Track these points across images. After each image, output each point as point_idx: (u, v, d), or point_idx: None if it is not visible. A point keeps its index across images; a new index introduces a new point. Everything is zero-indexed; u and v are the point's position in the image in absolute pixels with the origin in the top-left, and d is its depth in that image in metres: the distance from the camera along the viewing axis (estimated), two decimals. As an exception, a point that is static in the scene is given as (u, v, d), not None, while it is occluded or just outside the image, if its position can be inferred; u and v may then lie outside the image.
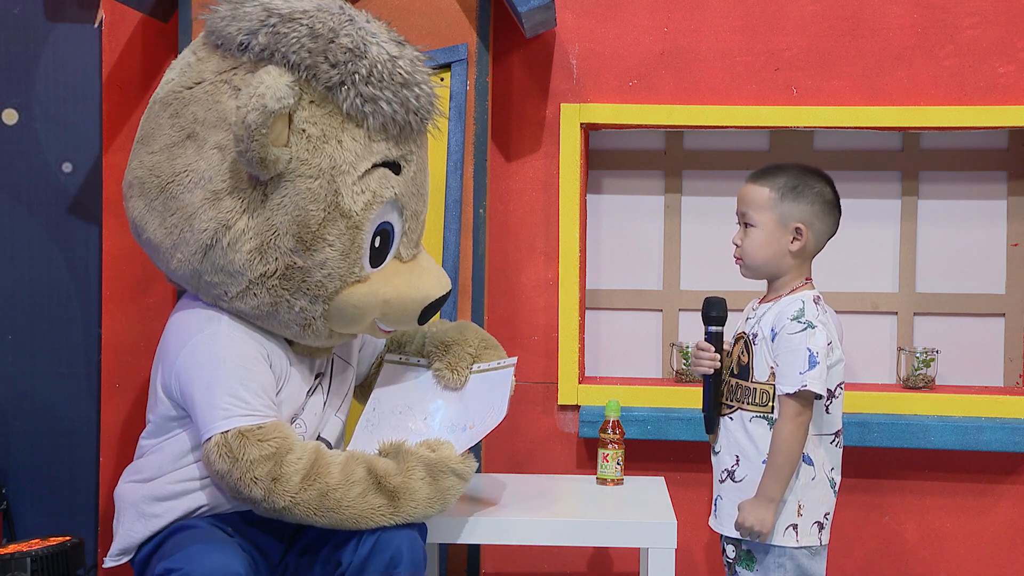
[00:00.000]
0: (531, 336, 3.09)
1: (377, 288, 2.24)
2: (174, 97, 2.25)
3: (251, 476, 2.10)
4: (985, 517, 3.00)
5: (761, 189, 2.46)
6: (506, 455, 3.08)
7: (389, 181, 2.22)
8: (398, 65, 2.18)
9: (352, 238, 2.18)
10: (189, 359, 2.19)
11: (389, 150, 2.21)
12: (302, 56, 2.12)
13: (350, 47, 2.13)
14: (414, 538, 2.21)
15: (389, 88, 2.17)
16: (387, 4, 2.87)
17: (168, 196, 2.21)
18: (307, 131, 2.14)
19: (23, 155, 3.07)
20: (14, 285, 3.08)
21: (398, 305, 2.27)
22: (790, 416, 2.35)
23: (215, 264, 2.19)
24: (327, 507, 2.13)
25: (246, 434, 2.11)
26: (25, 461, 3.08)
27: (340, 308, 2.22)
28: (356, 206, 2.17)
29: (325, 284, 2.19)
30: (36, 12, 3.07)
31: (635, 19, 3.05)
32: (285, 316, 2.21)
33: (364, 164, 2.18)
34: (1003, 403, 2.97)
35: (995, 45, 2.98)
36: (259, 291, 2.19)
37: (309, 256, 2.17)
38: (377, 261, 2.25)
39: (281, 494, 2.11)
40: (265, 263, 2.17)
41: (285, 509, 2.13)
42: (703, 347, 2.51)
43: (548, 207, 3.07)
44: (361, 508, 2.15)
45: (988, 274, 3.15)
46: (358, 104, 2.15)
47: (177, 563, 2.04)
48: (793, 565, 2.40)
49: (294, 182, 2.14)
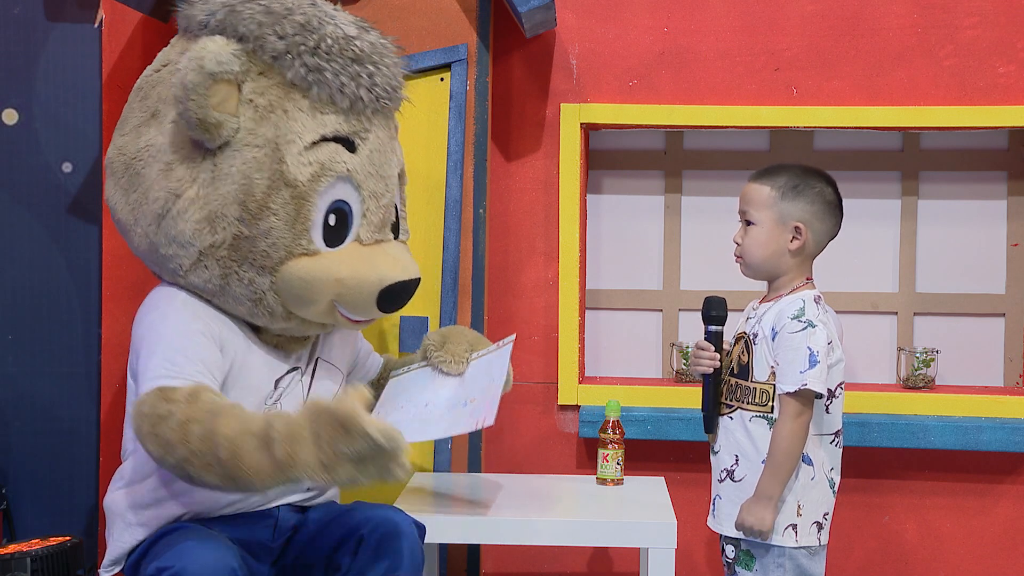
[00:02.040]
0: (531, 336, 3.09)
1: (328, 264, 2.22)
2: (144, 81, 2.36)
3: (154, 432, 2.02)
4: (985, 517, 3.00)
5: (762, 187, 2.46)
6: (506, 455, 3.09)
7: (341, 156, 2.22)
8: (353, 43, 2.21)
9: (298, 208, 2.18)
10: (141, 333, 2.20)
11: (340, 124, 2.22)
12: (251, 28, 2.18)
13: (302, 22, 2.19)
14: (414, 540, 2.21)
15: (337, 61, 2.19)
16: (387, 4, 2.87)
17: (132, 173, 2.28)
18: (254, 101, 2.18)
19: (23, 155, 3.07)
20: (14, 285, 3.08)
21: (353, 285, 2.22)
22: (791, 415, 2.35)
23: (168, 235, 2.22)
24: (221, 459, 1.98)
25: (163, 392, 2.05)
26: (25, 461, 3.08)
27: (288, 281, 2.20)
28: (302, 176, 2.18)
29: (270, 254, 2.19)
30: (36, 12, 3.06)
31: (635, 19, 3.05)
32: (236, 290, 2.21)
33: (311, 135, 2.19)
34: (1003, 403, 2.97)
35: (995, 45, 2.98)
36: (209, 263, 2.20)
37: (255, 225, 2.18)
38: (334, 241, 2.24)
39: (177, 443, 1.99)
40: (214, 232, 2.19)
41: (184, 460, 2.00)
42: (703, 346, 2.51)
43: (548, 207, 3.07)
44: (256, 462, 1.98)
45: (988, 274, 3.15)
46: (302, 73, 2.18)
47: (169, 561, 2.03)
48: (792, 565, 2.40)
49: (241, 151, 2.18)
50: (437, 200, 2.87)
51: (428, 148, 2.89)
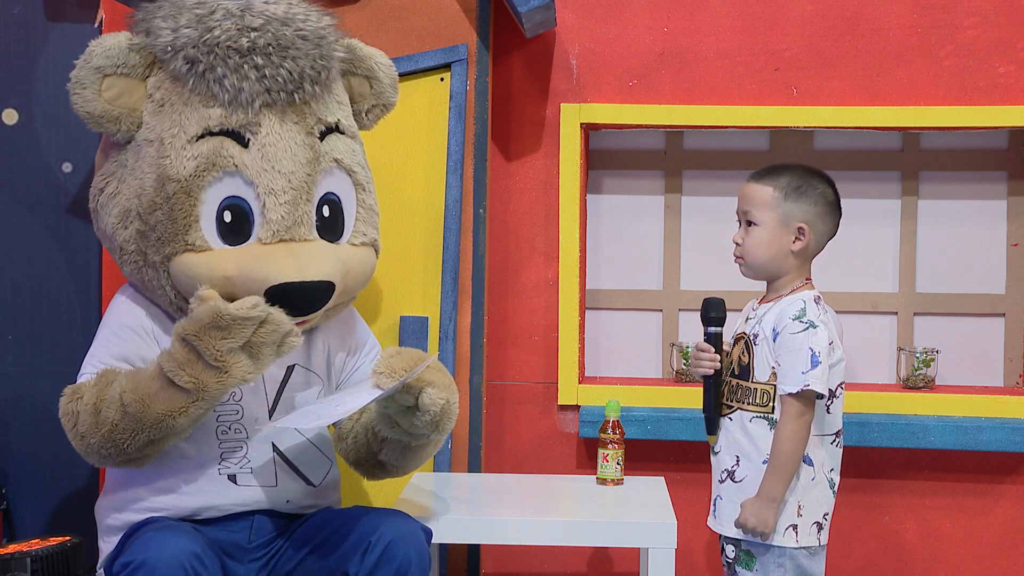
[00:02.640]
0: (531, 336, 3.09)
1: (215, 262, 2.17)
2: None
3: (74, 428, 2.14)
4: (985, 517, 3.00)
5: (764, 188, 2.46)
6: (506, 455, 3.09)
7: (229, 151, 2.18)
8: (246, 34, 2.18)
9: (180, 202, 2.17)
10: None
11: (225, 118, 2.19)
12: (153, 23, 2.20)
13: (200, 15, 2.19)
14: (422, 546, 2.18)
15: (217, 52, 2.17)
16: (387, 4, 2.87)
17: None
18: (153, 96, 2.21)
19: (23, 155, 3.07)
20: (14, 285, 3.08)
21: (241, 284, 2.16)
22: (793, 416, 2.35)
23: (100, 230, 2.29)
24: (136, 416, 2.07)
25: (76, 389, 2.16)
26: (25, 461, 3.08)
27: (176, 277, 2.20)
28: (184, 171, 2.17)
29: (158, 248, 2.19)
30: (36, 12, 3.06)
31: (635, 19, 3.05)
32: (151, 284, 2.24)
33: (195, 128, 2.18)
34: (1003, 403, 2.97)
35: (995, 45, 2.98)
36: (127, 257, 2.24)
37: (146, 220, 2.19)
38: (234, 239, 2.20)
39: (94, 426, 2.11)
40: (125, 228, 2.22)
41: (107, 439, 2.10)
42: (703, 348, 2.51)
43: (548, 207, 3.07)
44: (168, 401, 2.07)
45: (988, 274, 3.15)
46: (180, 65, 2.18)
47: (132, 555, 2.03)
48: (793, 565, 2.40)
49: (142, 146, 2.21)
50: (437, 200, 2.87)
51: (428, 148, 2.89)
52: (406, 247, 2.87)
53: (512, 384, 3.08)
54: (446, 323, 2.84)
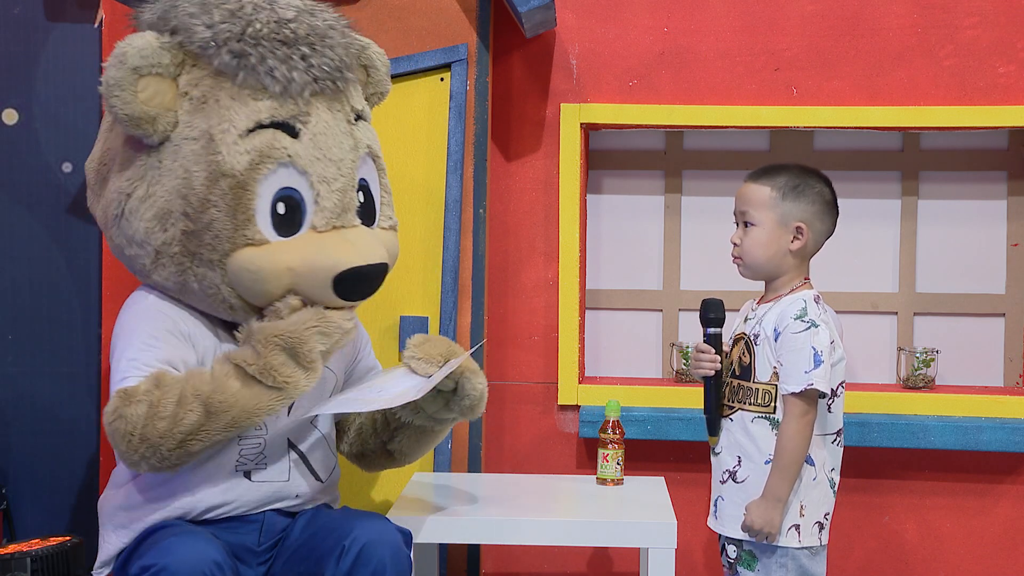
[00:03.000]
0: (531, 336, 3.09)
1: (277, 254, 2.18)
2: None
3: (131, 432, 2.07)
4: (985, 517, 3.00)
5: (762, 188, 2.46)
6: (506, 455, 3.09)
7: (281, 143, 2.18)
8: (286, 26, 2.19)
9: (237, 198, 2.16)
10: (114, 334, 2.23)
11: (276, 110, 2.18)
12: (182, 20, 2.17)
13: (232, 10, 2.18)
14: (398, 547, 2.18)
15: (264, 45, 2.17)
16: (387, 4, 2.87)
17: (100, 178, 2.30)
18: (190, 93, 2.18)
19: (23, 155, 3.07)
20: (14, 285, 3.08)
21: (306, 273, 2.18)
22: (796, 415, 2.35)
23: (126, 235, 2.24)
24: (213, 412, 2.07)
25: (127, 392, 2.09)
26: (25, 461, 3.08)
27: (236, 273, 2.18)
28: (239, 165, 2.16)
29: (215, 247, 2.17)
30: (36, 12, 3.06)
31: (635, 19, 3.05)
32: (194, 286, 2.21)
33: (245, 122, 2.17)
34: (1003, 403, 2.97)
35: (995, 45, 2.98)
36: (166, 261, 2.21)
37: (198, 219, 2.17)
38: (288, 230, 2.20)
39: (169, 433, 2.06)
40: (164, 230, 2.19)
41: (180, 443, 2.07)
42: (702, 349, 2.51)
43: (548, 207, 3.07)
44: (245, 400, 2.09)
45: (988, 274, 3.15)
46: (227, 60, 2.16)
47: (152, 559, 2.02)
48: (795, 565, 2.40)
49: (181, 145, 2.17)
50: (437, 200, 2.87)
51: (428, 148, 2.89)
52: (406, 247, 2.87)
53: (512, 384, 3.08)
54: (446, 323, 2.84)
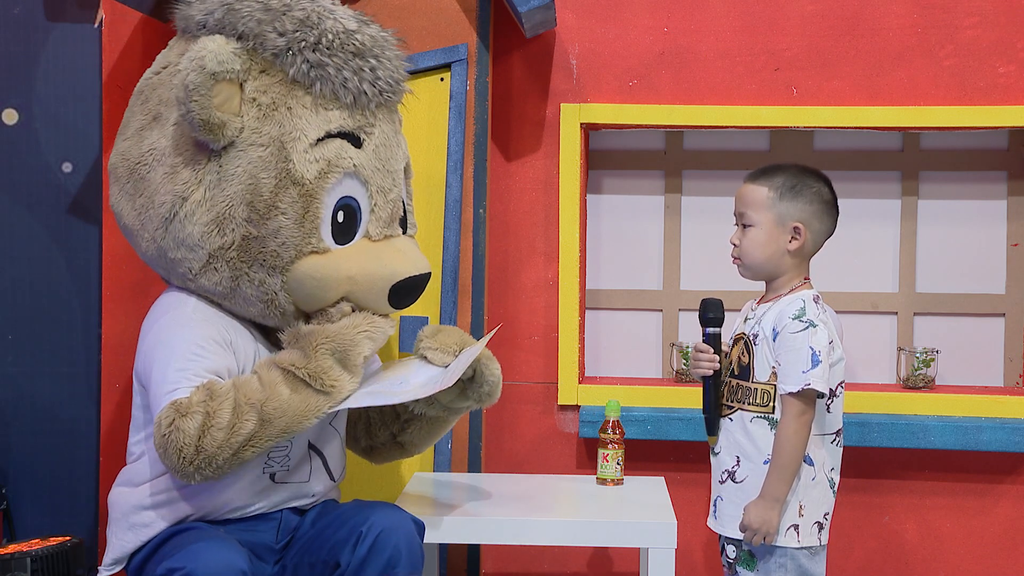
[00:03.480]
0: (531, 336, 3.09)
1: (339, 262, 2.21)
2: (145, 84, 2.35)
3: (185, 444, 2.05)
4: (985, 517, 3.00)
5: (759, 188, 2.46)
6: (506, 455, 3.09)
7: (347, 152, 2.21)
8: (353, 36, 2.20)
9: (306, 206, 2.18)
10: (152, 340, 2.22)
11: (345, 120, 2.21)
12: (251, 26, 2.17)
13: (301, 18, 2.18)
14: (412, 537, 2.21)
15: (339, 56, 2.19)
16: (387, 4, 2.87)
17: (136, 178, 2.27)
18: (258, 100, 2.17)
19: (23, 155, 3.07)
20: (14, 285, 3.08)
21: (364, 282, 2.22)
22: (794, 415, 2.35)
23: (176, 238, 2.21)
24: (267, 419, 2.07)
25: (179, 404, 2.07)
26: (25, 461, 3.08)
27: (299, 280, 2.20)
28: (309, 174, 2.17)
29: (280, 253, 2.18)
30: (36, 12, 3.06)
31: (635, 19, 3.05)
32: (247, 291, 2.21)
33: (316, 132, 2.19)
34: (1003, 403, 2.97)
35: (995, 45, 2.98)
36: (219, 265, 2.20)
37: (263, 225, 2.17)
38: (343, 238, 2.23)
39: (226, 444, 2.05)
40: (222, 234, 2.18)
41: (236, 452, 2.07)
42: (702, 349, 2.51)
43: (548, 207, 3.07)
44: (296, 406, 2.10)
45: (988, 274, 3.15)
46: (304, 69, 2.17)
47: (179, 562, 2.03)
48: (794, 565, 2.40)
49: (246, 151, 2.17)
50: (437, 200, 2.87)
51: (428, 148, 2.89)
52: (406, 247, 2.87)
53: (512, 384, 3.08)
54: (445, 323, 2.84)
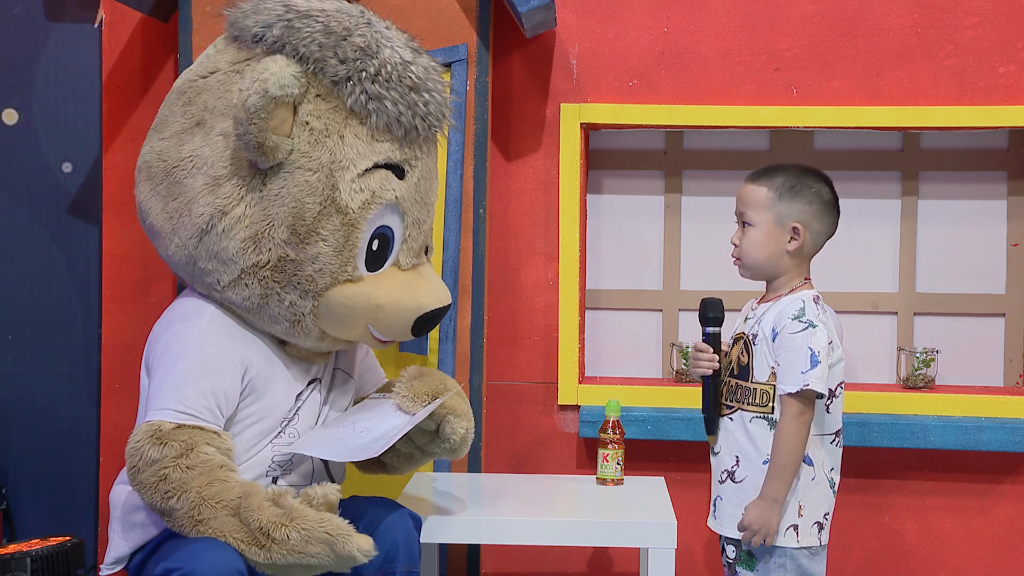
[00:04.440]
0: (531, 336, 3.09)
1: (370, 291, 2.22)
2: (189, 86, 2.29)
3: (138, 468, 2.08)
4: (985, 517, 3.00)
5: (759, 189, 2.46)
6: (506, 455, 3.09)
7: (391, 184, 2.21)
8: (409, 69, 2.19)
9: (347, 235, 2.18)
10: (161, 347, 2.21)
11: (393, 152, 2.20)
12: (312, 50, 2.13)
13: (362, 46, 2.15)
14: (410, 531, 2.21)
15: (396, 89, 2.17)
16: (387, 4, 2.87)
17: (172, 181, 2.24)
18: (310, 124, 2.15)
19: (23, 155, 3.07)
20: (14, 285, 3.08)
21: (391, 311, 2.23)
22: (793, 416, 2.35)
23: (209, 250, 2.20)
24: (195, 519, 2.08)
25: (160, 431, 2.09)
26: (25, 461, 3.08)
27: (330, 306, 2.21)
28: (353, 203, 2.17)
29: (316, 279, 2.18)
30: (36, 12, 3.07)
31: (635, 19, 3.05)
32: (275, 310, 2.21)
33: (365, 162, 2.18)
34: (1003, 403, 2.97)
35: (995, 45, 2.98)
36: (251, 281, 2.19)
37: (302, 249, 2.17)
38: (374, 265, 2.23)
39: (155, 492, 2.08)
40: (259, 252, 2.17)
41: (154, 507, 2.10)
42: (701, 348, 2.51)
43: (548, 207, 3.07)
44: (223, 527, 2.08)
45: (988, 274, 3.15)
46: (363, 101, 2.15)
47: (178, 562, 2.03)
48: (794, 565, 2.40)
49: (293, 174, 2.15)
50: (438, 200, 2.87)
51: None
52: (406, 247, 2.87)
53: (512, 384, 3.09)
54: (446, 323, 2.84)
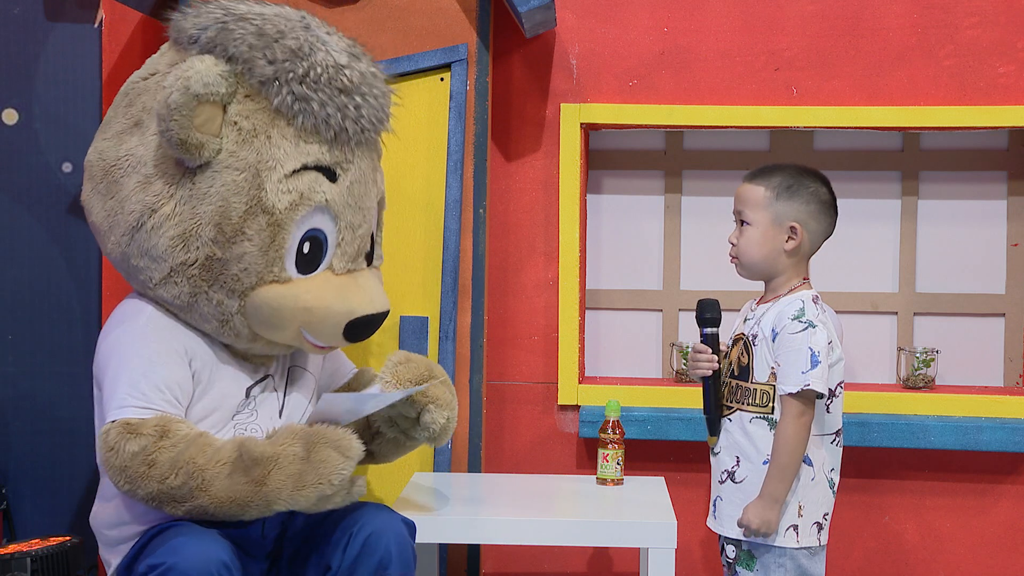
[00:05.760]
0: (531, 336, 3.09)
1: (298, 293, 2.21)
2: (131, 87, 2.33)
3: (123, 466, 2.07)
4: (985, 517, 3.00)
5: (757, 188, 2.46)
6: (506, 455, 3.09)
7: (321, 186, 2.21)
8: (342, 72, 2.20)
9: (273, 236, 2.18)
10: (106, 349, 2.22)
11: (322, 154, 2.21)
12: (242, 50, 2.16)
13: (293, 48, 2.17)
14: (403, 537, 2.20)
15: (325, 91, 2.18)
16: (387, 4, 2.87)
17: (110, 180, 2.27)
18: (239, 124, 2.17)
19: (23, 155, 3.07)
20: (14, 285, 3.08)
21: (320, 314, 2.22)
22: (793, 416, 2.35)
23: (141, 247, 2.22)
24: (192, 488, 2.06)
25: (130, 425, 2.09)
26: (25, 461, 3.08)
27: (256, 306, 2.20)
28: (280, 204, 2.17)
29: (241, 278, 2.19)
30: (36, 12, 3.06)
31: (635, 19, 3.05)
32: (204, 308, 2.21)
33: (292, 163, 2.18)
34: (1003, 403, 2.97)
35: (995, 45, 2.98)
36: (180, 280, 2.20)
37: (228, 248, 2.17)
38: (307, 268, 2.23)
39: (149, 479, 2.06)
40: (187, 251, 2.19)
41: (154, 496, 2.08)
42: (700, 349, 2.51)
43: (548, 207, 3.07)
44: (227, 487, 2.06)
45: (988, 274, 3.15)
46: (289, 101, 2.17)
47: (160, 558, 2.03)
48: (793, 565, 2.40)
49: (221, 173, 2.17)
50: (437, 200, 2.87)
51: (428, 148, 2.89)
52: (406, 247, 2.87)
53: (512, 384, 3.09)
54: (446, 323, 2.85)
